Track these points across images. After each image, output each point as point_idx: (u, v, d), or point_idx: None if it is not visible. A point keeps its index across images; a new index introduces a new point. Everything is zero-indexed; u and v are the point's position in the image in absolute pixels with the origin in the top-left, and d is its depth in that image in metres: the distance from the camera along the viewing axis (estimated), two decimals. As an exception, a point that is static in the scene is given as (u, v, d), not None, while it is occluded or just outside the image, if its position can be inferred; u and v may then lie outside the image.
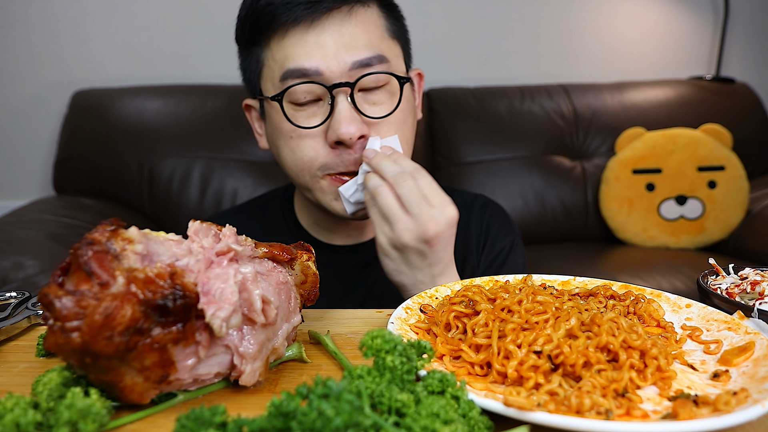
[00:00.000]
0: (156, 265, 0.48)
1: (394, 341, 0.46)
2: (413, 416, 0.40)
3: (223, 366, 0.53)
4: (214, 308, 0.48)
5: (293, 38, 0.91)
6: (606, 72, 2.72)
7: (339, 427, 0.35)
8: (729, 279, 0.77)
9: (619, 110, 2.44)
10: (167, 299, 0.46)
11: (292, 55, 0.91)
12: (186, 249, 0.53)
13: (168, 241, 0.53)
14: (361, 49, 0.91)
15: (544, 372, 0.51)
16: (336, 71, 0.90)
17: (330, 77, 0.90)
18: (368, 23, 0.94)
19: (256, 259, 0.58)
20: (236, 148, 2.27)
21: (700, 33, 2.77)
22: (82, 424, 0.42)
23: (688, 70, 2.76)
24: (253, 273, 0.53)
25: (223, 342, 0.51)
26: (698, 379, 0.54)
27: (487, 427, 0.43)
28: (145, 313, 0.45)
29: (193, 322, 0.49)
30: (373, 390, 0.42)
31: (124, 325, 0.44)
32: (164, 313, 0.46)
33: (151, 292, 0.46)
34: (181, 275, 0.48)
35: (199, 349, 0.50)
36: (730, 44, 2.76)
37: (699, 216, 2.25)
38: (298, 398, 0.39)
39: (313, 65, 0.90)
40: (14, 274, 1.55)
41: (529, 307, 0.58)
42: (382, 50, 0.94)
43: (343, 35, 0.91)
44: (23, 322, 0.69)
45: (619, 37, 2.74)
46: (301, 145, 0.94)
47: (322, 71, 0.90)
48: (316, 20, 0.90)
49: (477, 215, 1.17)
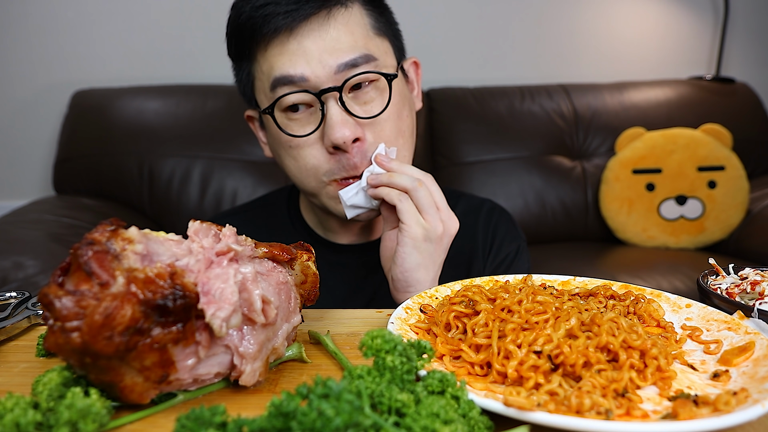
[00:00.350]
0: (156, 265, 0.48)
1: (394, 341, 0.46)
2: (413, 416, 0.40)
3: (223, 366, 0.52)
4: (214, 308, 0.48)
5: (276, 48, 0.92)
6: (606, 72, 2.72)
7: (339, 427, 0.35)
8: (729, 279, 0.77)
9: (619, 110, 2.45)
10: (167, 299, 0.46)
11: (276, 64, 0.92)
12: (186, 249, 0.53)
13: (168, 241, 0.53)
14: (346, 51, 0.91)
15: (544, 372, 0.51)
16: (322, 76, 0.90)
17: (317, 83, 0.90)
18: (350, 24, 0.93)
19: (256, 259, 0.58)
20: (236, 148, 2.27)
21: (700, 33, 2.77)
22: (82, 424, 0.42)
23: (688, 70, 2.76)
24: (253, 273, 0.53)
25: (223, 342, 0.51)
26: (698, 379, 0.54)
27: (487, 427, 0.43)
28: (145, 313, 0.45)
29: (193, 322, 0.49)
30: (373, 390, 0.42)
31: (124, 325, 0.44)
32: (164, 313, 0.46)
33: (151, 292, 0.46)
34: (181, 275, 0.48)
35: (199, 349, 0.50)
36: (730, 44, 2.76)
37: (699, 216, 2.25)
38: (298, 398, 0.39)
39: (298, 72, 0.90)
40: (14, 274, 1.55)
41: (529, 307, 0.58)
42: (368, 49, 0.94)
43: (325, 39, 0.91)
44: (23, 322, 0.69)
45: (619, 37, 2.74)
46: (302, 154, 0.95)
47: (307, 77, 0.90)
48: (296, 28, 0.90)
49: (484, 220, 1.17)
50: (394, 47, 1.02)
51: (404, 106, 0.99)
